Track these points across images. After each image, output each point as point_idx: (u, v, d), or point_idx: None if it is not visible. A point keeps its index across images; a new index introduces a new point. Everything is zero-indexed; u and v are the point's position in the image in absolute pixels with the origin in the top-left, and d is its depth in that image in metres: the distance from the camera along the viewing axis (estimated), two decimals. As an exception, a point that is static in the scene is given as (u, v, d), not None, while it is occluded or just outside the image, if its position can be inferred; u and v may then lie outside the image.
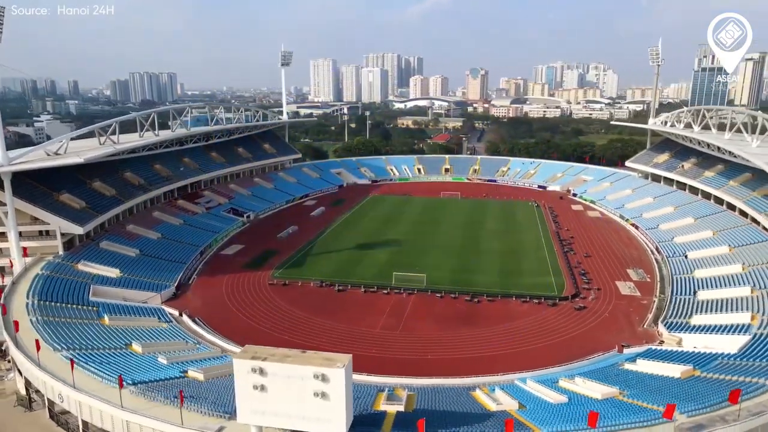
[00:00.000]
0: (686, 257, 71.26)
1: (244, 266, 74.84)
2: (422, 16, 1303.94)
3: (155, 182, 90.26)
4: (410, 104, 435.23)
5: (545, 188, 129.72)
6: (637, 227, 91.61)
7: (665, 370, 41.74)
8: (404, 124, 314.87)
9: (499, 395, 40.41)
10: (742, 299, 54.93)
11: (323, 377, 27.02)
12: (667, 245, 77.67)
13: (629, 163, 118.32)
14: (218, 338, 53.30)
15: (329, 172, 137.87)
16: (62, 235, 64.62)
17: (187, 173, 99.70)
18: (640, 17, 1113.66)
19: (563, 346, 52.16)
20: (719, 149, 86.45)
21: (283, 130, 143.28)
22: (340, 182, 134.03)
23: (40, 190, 67.89)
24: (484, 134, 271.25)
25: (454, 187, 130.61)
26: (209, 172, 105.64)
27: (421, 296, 64.20)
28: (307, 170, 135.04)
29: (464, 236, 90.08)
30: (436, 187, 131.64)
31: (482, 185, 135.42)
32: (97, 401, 35.53)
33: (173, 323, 55.92)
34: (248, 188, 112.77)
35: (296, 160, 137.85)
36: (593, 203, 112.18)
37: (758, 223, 71.39)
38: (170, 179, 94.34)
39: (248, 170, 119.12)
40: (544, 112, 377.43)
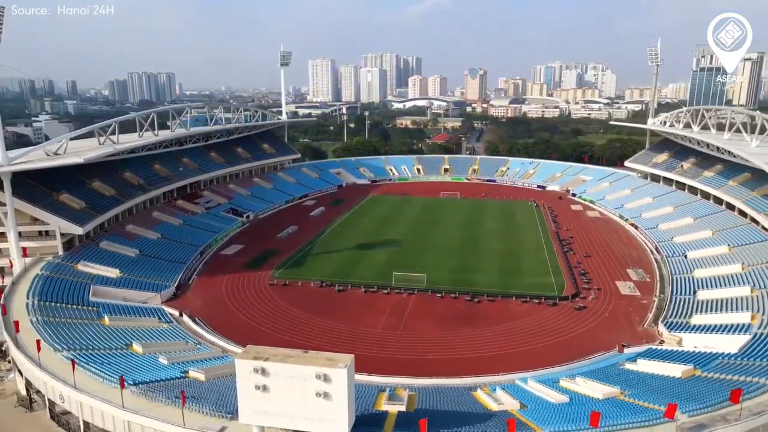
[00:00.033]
0: (686, 257, 71.37)
1: (243, 266, 74.82)
2: (422, 16, 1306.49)
3: (154, 182, 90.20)
4: (409, 104, 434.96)
5: (544, 188, 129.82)
6: (636, 227, 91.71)
7: (666, 369, 41.82)
8: (403, 124, 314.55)
9: (500, 395, 40.44)
10: (741, 299, 55.05)
11: (325, 377, 27.00)
12: (666, 245, 77.79)
13: (628, 163, 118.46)
14: (219, 338, 53.28)
15: (328, 172, 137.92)
16: (62, 235, 64.56)
17: (186, 173, 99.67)
18: (640, 17, 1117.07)
19: (563, 345, 52.23)
20: (719, 149, 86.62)
21: (282, 130, 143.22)
22: (339, 182, 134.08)
23: (39, 190, 67.82)
24: (482, 134, 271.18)
25: (453, 187, 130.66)
26: (208, 172, 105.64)
27: (421, 296, 64.22)
28: (306, 170, 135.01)
29: (464, 236, 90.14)
30: (435, 187, 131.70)
31: (481, 185, 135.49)
32: (98, 402, 35.49)
33: (173, 323, 55.89)
34: (247, 188, 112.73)
35: (295, 160, 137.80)
36: (592, 203, 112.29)
37: (757, 222, 71.58)
38: (169, 179, 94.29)
39: (247, 170, 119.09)
40: (542, 112, 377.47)
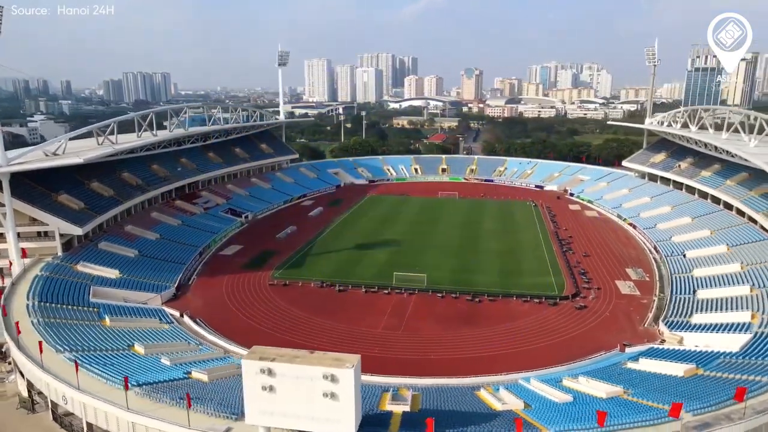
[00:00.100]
0: (684, 256, 71.65)
1: (243, 267, 74.64)
2: (417, 16, 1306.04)
3: (153, 183, 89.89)
4: (405, 104, 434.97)
5: (542, 188, 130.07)
6: (634, 227, 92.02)
7: (668, 368, 41.98)
8: (400, 124, 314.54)
9: (503, 395, 40.48)
10: (741, 298, 55.31)
11: (332, 378, 27.00)
12: (665, 244, 78.07)
13: (626, 162, 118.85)
14: (220, 339, 53.14)
15: (326, 172, 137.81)
16: (61, 236, 64.31)
17: (184, 173, 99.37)
18: (639, 17, 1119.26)
19: (565, 345, 52.34)
20: (716, 149, 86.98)
21: (279, 130, 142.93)
22: (337, 182, 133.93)
23: (38, 190, 67.53)
24: (479, 134, 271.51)
25: (451, 187, 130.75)
26: (207, 172, 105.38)
27: (422, 296, 64.24)
28: (304, 170, 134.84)
29: (463, 236, 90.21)
30: (433, 187, 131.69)
31: (479, 185, 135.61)
32: (102, 403, 35.34)
33: (174, 324, 55.74)
34: (246, 188, 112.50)
35: (293, 160, 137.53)
36: (590, 203, 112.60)
37: (756, 222, 71.93)
38: (168, 179, 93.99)
39: (245, 170, 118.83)
40: (539, 112, 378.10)
